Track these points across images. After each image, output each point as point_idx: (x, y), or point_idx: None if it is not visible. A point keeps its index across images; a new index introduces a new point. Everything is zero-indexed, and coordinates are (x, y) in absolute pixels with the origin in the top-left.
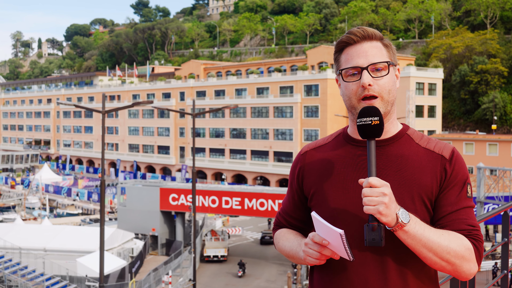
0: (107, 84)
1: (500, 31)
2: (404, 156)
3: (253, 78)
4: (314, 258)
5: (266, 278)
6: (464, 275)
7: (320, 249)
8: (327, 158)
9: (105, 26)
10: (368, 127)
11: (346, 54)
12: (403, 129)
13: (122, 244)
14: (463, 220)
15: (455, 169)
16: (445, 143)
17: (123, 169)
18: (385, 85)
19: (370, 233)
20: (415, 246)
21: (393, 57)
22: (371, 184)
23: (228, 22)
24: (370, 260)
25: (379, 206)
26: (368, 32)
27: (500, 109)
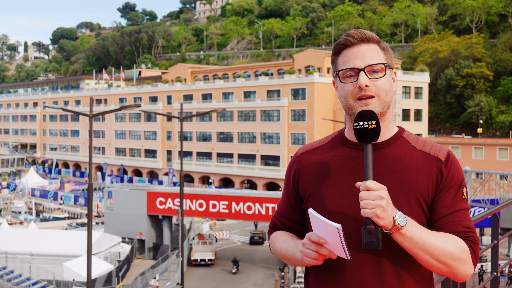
0: (93, 88)
1: (486, 35)
2: (400, 158)
3: (240, 82)
4: (312, 258)
5: (254, 281)
6: (461, 276)
7: (317, 248)
8: (323, 160)
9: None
10: (365, 131)
11: (344, 56)
12: (399, 131)
13: (109, 248)
14: (459, 222)
15: (451, 172)
16: (441, 145)
17: (110, 173)
18: (382, 86)
19: (367, 236)
20: (412, 248)
21: (390, 60)
22: (368, 187)
23: (215, 26)
24: (366, 262)
25: (377, 210)
26: (366, 34)
27: (486, 112)
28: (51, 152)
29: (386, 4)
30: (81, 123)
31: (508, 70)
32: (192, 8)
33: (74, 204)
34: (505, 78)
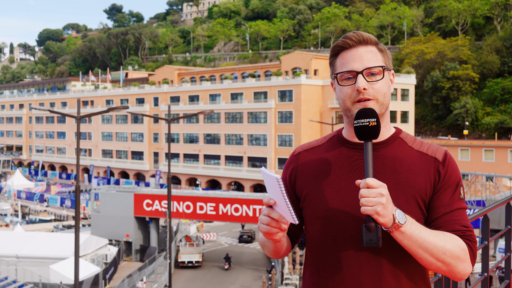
0: (80, 89)
1: (471, 38)
2: (398, 158)
3: (227, 83)
4: (265, 224)
5: (241, 283)
6: (459, 275)
7: (268, 212)
8: (321, 160)
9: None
10: (365, 128)
11: (342, 58)
12: (396, 132)
13: (95, 250)
14: (457, 221)
15: (448, 171)
16: (438, 146)
17: (97, 175)
18: (380, 89)
19: (367, 233)
20: (411, 247)
21: (388, 62)
22: (368, 185)
23: (202, 27)
24: (364, 261)
25: (377, 207)
26: (364, 36)
27: (472, 114)
28: (37, 154)
29: (373, 7)
30: (67, 125)
31: (494, 72)
32: (179, 10)
33: (61, 206)
34: (490, 80)
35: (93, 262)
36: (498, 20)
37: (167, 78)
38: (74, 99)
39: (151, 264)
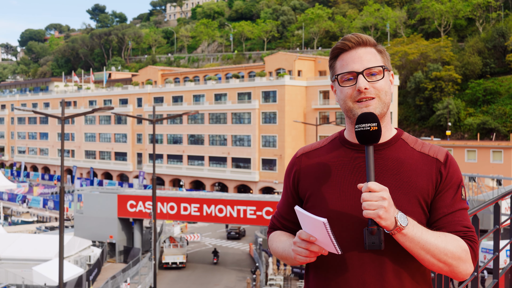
0: (63, 90)
1: (454, 39)
2: (400, 159)
3: (211, 84)
4: (303, 256)
5: (225, 284)
6: (461, 275)
7: (307, 246)
8: (323, 161)
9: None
10: (366, 133)
11: (342, 60)
12: (398, 133)
13: (79, 251)
14: (459, 222)
15: (450, 172)
16: (439, 147)
17: (80, 176)
18: (382, 87)
19: (369, 236)
20: (413, 248)
21: (387, 62)
22: (370, 188)
23: (186, 28)
24: (367, 262)
25: (379, 210)
26: (363, 38)
27: (454, 115)
28: (20, 155)
29: (356, 8)
30: (50, 125)
31: (476, 73)
32: (162, 10)
33: (43, 207)
34: (472, 81)
35: (77, 264)
36: (480, 21)
37: (150, 79)
38: (56, 99)
39: (135, 266)
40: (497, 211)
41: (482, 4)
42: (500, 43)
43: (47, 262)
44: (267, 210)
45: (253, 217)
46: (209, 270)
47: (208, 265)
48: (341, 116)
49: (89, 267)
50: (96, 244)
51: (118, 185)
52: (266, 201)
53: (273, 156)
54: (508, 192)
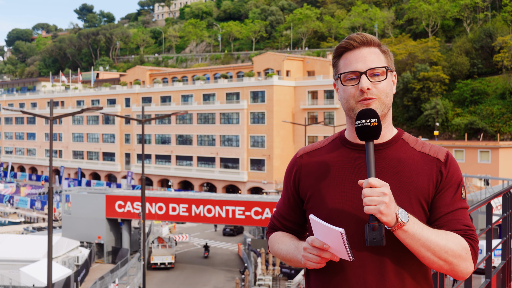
0: (50, 90)
1: (441, 39)
2: (400, 159)
3: (200, 84)
4: (314, 262)
5: (214, 284)
6: (461, 274)
7: (319, 253)
8: (324, 161)
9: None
10: (366, 129)
11: (345, 59)
12: (398, 133)
13: (67, 252)
14: (459, 221)
15: (450, 172)
16: (439, 146)
17: (67, 176)
18: (383, 89)
19: (371, 233)
20: (413, 245)
21: (391, 63)
22: (371, 184)
23: (174, 28)
24: (368, 261)
25: (380, 206)
26: (367, 38)
27: (442, 115)
28: (7, 155)
29: (344, 8)
30: (38, 125)
31: (463, 73)
32: (150, 10)
33: (31, 208)
34: (460, 81)
35: (64, 265)
36: (468, 22)
37: (138, 79)
38: (44, 99)
39: (124, 266)
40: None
41: (469, 4)
42: (487, 43)
43: (34, 263)
44: (255, 211)
45: (241, 217)
46: (197, 271)
47: (197, 265)
48: (329, 116)
49: (77, 267)
50: (84, 245)
51: (106, 185)
52: (255, 201)
53: (261, 156)
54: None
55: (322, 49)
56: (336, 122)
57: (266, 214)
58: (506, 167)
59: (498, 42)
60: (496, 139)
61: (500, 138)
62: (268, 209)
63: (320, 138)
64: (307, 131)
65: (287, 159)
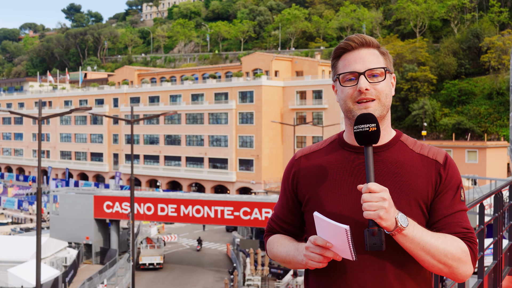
0: (37, 90)
1: (429, 40)
2: (399, 161)
3: (188, 84)
4: (316, 261)
5: (203, 285)
6: (461, 277)
7: (322, 252)
8: (322, 163)
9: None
10: (365, 134)
11: (344, 60)
12: (397, 135)
13: (55, 253)
14: (458, 223)
15: (449, 174)
16: (438, 148)
17: (55, 177)
18: (382, 89)
19: (370, 238)
20: (413, 249)
21: (390, 64)
22: (370, 189)
23: (162, 28)
24: (368, 264)
25: (380, 211)
26: (366, 39)
27: (430, 115)
28: None
29: (332, 8)
30: (25, 126)
31: (451, 74)
32: (139, 10)
33: (18, 208)
34: (448, 81)
35: (52, 265)
36: (455, 22)
37: (127, 79)
38: (31, 99)
39: (112, 267)
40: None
41: (457, 5)
42: (474, 44)
43: (22, 264)
44: (244, 211)
45: (230, 217)
46: (186, 271)
47: (186, 266)
48: (318, 116)
49: (65, 268)
50: (72, 246)
51: (94, 185)
52: (244, 201)
53: (250, 157)
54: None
55: (310, 49)
56: (324, 122)
57: (255, 214)
58: (493, 167)
59: (485, 42)
60: (484, 139)
61: (487, 138)
62: (257, 209)
63: (308, 138)
64: (296, 131)
65: (275, 159)
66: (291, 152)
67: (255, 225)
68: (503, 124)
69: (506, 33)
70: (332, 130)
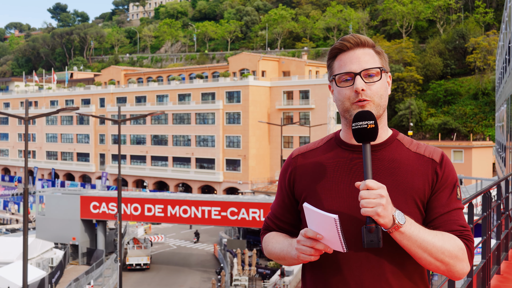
0: (23, 90)
1: (415, 40)
2: (396, 160)
3: (175, 84)
4: (308, 254)
5: (190, 285)
6: (457, 274)
7: (313, 244)
8: (319, 162)
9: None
10: (364, 131)
11: (340, 61)
12: (393, 134)
13: (41, 254)
14: (455, 221)
15: (445, 172)
16: (434, 147)
17: (41, 177)
18: (377, 90)
19: (368, 235)
20: (410, 247)
21: (385, 64)
22: (368, 186)
23: (149, 28)
24: (365, 263)
25: (377, 208)
26: (361, 39)
27: (416, 115)
28: None
29: (319, 9)
30: (11, 126)
31: (437, 74)
32: (125, 10)
33: (4, 209)
34: (434, 82)
35: (39, 266)
36: (441, 23)
37: (113, 79)
38: (17, 99)
39: (99, 267)
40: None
41: (442, 6)
42: (460, 44)
43: (8, 265)
44: (231, 211)
45: (217, 217)
46: (173, 271)
47: (173, 266)
48: (305, 116)
49: (51, 269)
50: (59, 246)
51: (81, 186)
52: (231, 201)
53: (237, 157)
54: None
55: (297, 49)
56: (311, 122)
57: (242, 215)
58: (479, 167)
59: (470, 43)
60: (469, 139)
61: (473, 138)
62: (244, 210)
63: (295, 139)
64: (283, 131)
65: (262, 159)
66: (278, 152)
67: (242, 225)
68: (489, 124)
69: (491, 34)
70: (319, 130)
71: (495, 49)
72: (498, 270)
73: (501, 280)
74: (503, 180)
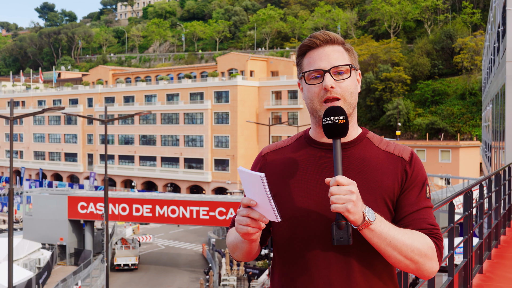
0: (10, 90)
1: (403, 40)
2: (365, 158)
3: (163, 84)
4: (244, 224)
5: (178, 285)
6: (427, 273)
7: (248, 212)
8: (288, 160)
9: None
10: (334, 126)
11: (309, 58)
12: (363, 132)
13: (28, 254)
14: (424, 220)
15: (414, 171)
16: (404, 146)
17: (28, 177)
18: (347, 88)
19: (337, 232)
20: (380, 244)
21: (355, 61)
22: (338, 182)
23: (137, 27)
24: (334, 262)
25: (348, 204)
26: (330, 36)
27: (404, 115)
28: None
29: (307, 9)
30: None
31: (425, 74)
32: (113, 9)
33: None
34: (421, 82)
35: (26, 267)
36: (429, 23)
37: (101, 79)
38: (4, 99)
39: (86, 268)
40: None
41: (430, 6)
42: (447, 44)
43: None
44: (220, 211)
45: (206, 217)
46: (161, 272)
47: (161, 266)
48: (293, 116)
49: (38, 270)
50: (46, 247)
51: (69, 186)
52: (219, 201)
53: (225, 157)
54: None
55: (285, 49)
56: (300, 122)
57: (230, 214)
58: (466, 166)
59: (458, 43)
60: (457, 139)
61: (460, 138)
62: (232, 209)
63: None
64: (271, 131)
65: (251, 159)
66: None
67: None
68: (476, 124)
69: (478, 34)
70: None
71: (482, 49)
72: (480, 269)
73: (484, 279)
74: (486, 179)
